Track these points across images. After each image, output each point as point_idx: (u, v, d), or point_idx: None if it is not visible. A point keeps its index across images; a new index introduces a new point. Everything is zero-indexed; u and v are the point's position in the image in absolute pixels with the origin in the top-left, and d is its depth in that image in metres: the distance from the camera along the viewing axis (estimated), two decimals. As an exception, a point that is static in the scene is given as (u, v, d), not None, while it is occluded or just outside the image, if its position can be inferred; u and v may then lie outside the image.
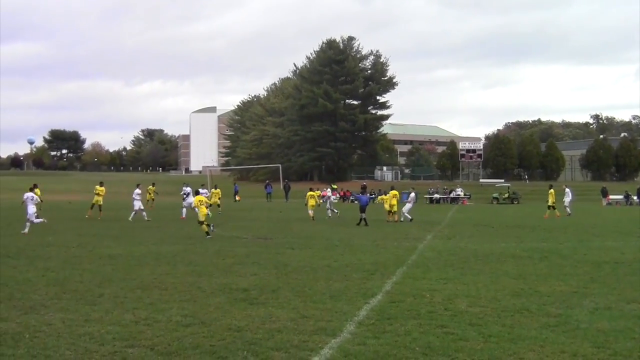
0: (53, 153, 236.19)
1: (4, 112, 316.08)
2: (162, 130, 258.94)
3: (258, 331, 9.28)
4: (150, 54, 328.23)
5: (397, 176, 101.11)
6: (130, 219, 34.03)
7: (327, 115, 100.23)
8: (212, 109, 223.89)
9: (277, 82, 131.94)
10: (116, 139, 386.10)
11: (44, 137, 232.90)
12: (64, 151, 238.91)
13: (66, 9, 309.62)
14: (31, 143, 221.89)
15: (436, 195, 69.06)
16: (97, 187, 37.27)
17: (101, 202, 36.77)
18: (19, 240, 22.73)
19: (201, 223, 25.21)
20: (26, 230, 25.97)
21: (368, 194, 42.90)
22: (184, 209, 36.91)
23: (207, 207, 26.55)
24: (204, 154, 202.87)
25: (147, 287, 12.79)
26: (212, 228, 25.36)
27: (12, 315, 10.16)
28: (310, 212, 36.02)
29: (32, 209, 26.95)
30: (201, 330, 9.29)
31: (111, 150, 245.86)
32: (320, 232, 27.45)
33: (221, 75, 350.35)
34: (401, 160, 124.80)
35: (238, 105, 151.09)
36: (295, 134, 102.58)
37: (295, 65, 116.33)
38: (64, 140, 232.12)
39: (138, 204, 35.21)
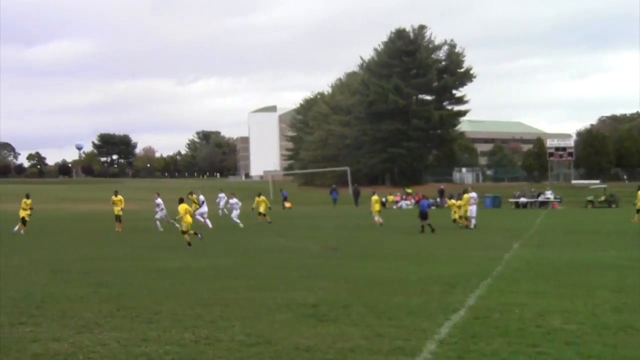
0: (103, 159, 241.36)
1: (51, 116, 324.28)
2: (218, 132, 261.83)
3: (329, 351, 9.26)
4: (204, 49, 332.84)
5: (478, 178, 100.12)
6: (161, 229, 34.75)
7: (398, 112, 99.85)
8: (272, 108, 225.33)
9: (342, 77, 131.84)
10: (168, 142, 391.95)
11: (93, 142, 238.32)
12: (115, 157, 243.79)
13: (115, 5, 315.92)
14: (80, 148, 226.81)
15: (523, 199, 68.06)
16: (113, 197, 37.11)
17: (120, 213, 36.50)
18: (71, 254, 23.25)
19: (184, 233, 26.16)
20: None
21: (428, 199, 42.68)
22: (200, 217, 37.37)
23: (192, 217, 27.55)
24: (265, 157, 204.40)
25: (207, 304, 12.91)
26: (199, 235, 27.11)
27: (65, 334, 10.37)
28: (377, 218, 36.05)
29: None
30: (267, 350, 9.33)
31: (165, 155, 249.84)
32: (394, 241, 27.35)
33: (281, 71, 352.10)
34: (482, 160, 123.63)
35: (300, 104, 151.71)
36: (364, 133, 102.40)
37: (361, 59, 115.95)
38: (114, 145, 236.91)
39: (161, 214, 36.19)
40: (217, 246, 26.25)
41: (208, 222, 36.64)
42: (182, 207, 26.78)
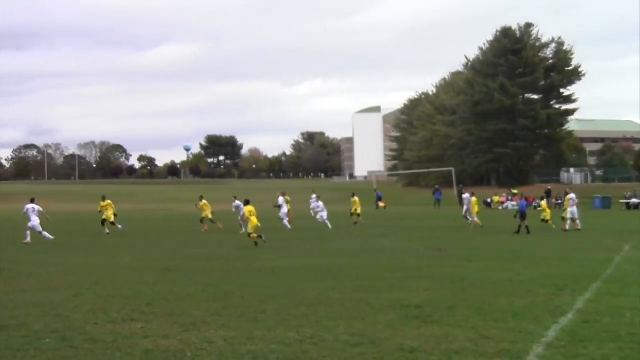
0: (210, 160, 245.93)
1: (159, 118, 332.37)
2: (323, 133, 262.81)
3: (433, 352, 9.20)
4: (309, 51, 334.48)
5: (587, 178, 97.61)
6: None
7: (504, 111, 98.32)
8: (377, 109, 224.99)
9: (447, 77, 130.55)
10: (275, 143, 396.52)
11: (200, 144, 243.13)
12: (221, 158, 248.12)
13: (220, 7, 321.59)
14: (188, 150, 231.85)
15: (634, 200, 65.96)
16: (101, 202, 36.05)
17: (112, 219, 35.23)
18: (180, 253, 23.79)
19: (249, 234, 26.50)
20: (28, 239, 28.49)
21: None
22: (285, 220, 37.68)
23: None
24: (369, 158, 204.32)
25: (311, 303, 13.00)
26: (262, 238, 26.46)
27: (174, 331, 10.62)
28: (476, 219, 35.69)
29: (36, 220, 29.33)
30: (371, 351, 9.33)
31: (270, 156, 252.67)
32: (499, 242, 26.95)
33: (386, 72, 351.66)
34: (591, 160, 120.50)
35: (405, 104, 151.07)
36: (469, 133, 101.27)
37: (466, 58, 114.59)
38: (221, 147, 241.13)
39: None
40: (321, 246, 26.42)
41: (286, 222, 37.18)
42: (248, 209, 27.17)
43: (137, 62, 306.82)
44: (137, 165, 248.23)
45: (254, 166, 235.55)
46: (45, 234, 29.28)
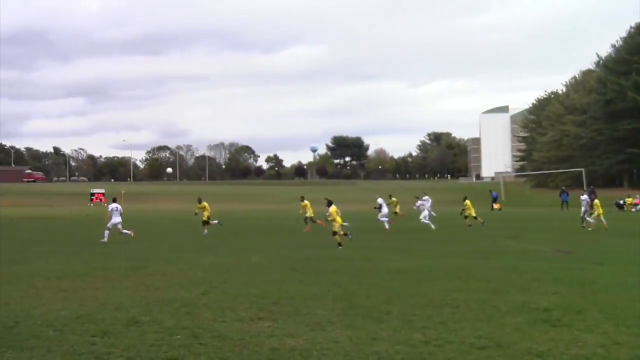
0: (336, 161, 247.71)
1: (287, 120, 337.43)
2: (449, 134, 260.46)
3: (562, 357, 8.98)
4: (437, 51, 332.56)
5: None
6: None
7: (638, 110, 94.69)
8: (504, 109, 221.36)
9: (577, 76, 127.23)
10: (401, 144, 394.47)
11: (326, 145, 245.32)
12: (347, 159, 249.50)
13: (348, 8, 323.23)
14: (314, 151, 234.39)
15: None
16: (198, 205, 36.37)
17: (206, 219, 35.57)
18: (306, 253, 24.04)
19: (334, 233, 26.58)
20: (105, 239, 29.37)
21: None
22: (384, 221, 37.87)
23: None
24: (496, 158, 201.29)
25: (437, 305, 12.89)
26: (349, 236, 27.38)
27: (300, 331, 10.74)
28: (603, 221, 34.56)
29: (118, 219, 30.29)
30: (497, 354, 9.18)
31: (396, 157, 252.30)
32: (632, 245, 26.00)
33: (514, 71, 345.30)
34: None
35: (533, 103, 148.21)
36: (600, 133, 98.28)
37: (598, 56, 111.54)
38: (347, 147, 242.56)
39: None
40: (446, 247, 26.17)
41: (386, 224, 37.32)
42: (333, 209, 27.22)
43: (266, 64, 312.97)
44: (265, 166, 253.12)
45: (379, 167, 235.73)
46: (126, 231, 30.37)
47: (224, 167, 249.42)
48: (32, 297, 14.22)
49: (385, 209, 38.95)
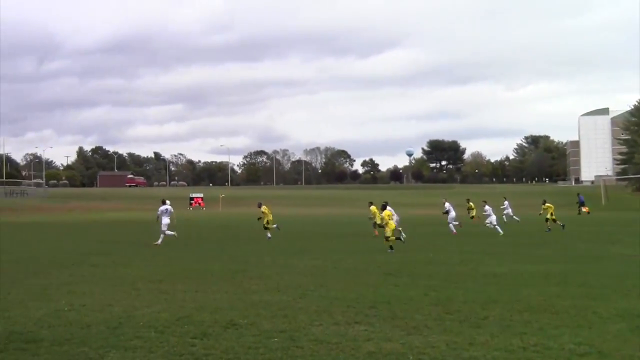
0: (432, 165, 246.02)
1: (382, 124, 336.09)
2: (547, 137, 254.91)
3: (667, 366, 8.70)
4: (534, 52, 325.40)
5: None
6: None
7: None
8: (604, 111, 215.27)
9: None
10: (498, 147, 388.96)
11: (422, 149, 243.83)
12: (443, 163, 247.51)
13: (444, 12, 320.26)
14: (410, 155, 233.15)
15: None
16: (260, 209, 36.12)
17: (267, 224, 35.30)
18: (403, 257, 23.94)
19: (387, 238, 26.46)
20: (159, 241, 30.08)
21: None
22: (452, 224, 38.44)
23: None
24: (596, 161, 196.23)
25: (535, 310, 12.65)
26: (402, 239, 27.83)
27: (396, 335, 10.70)
28: None
29: (167, 220, 31.02)
30: (599, 362, 8.96)
31: (492, 160, 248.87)
32: None
33: (614, 72, 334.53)
34: None
35: (635, 105, 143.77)
36: None
37: None
38: (443, 151, 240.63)
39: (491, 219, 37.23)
40: (543, 251, 25.67)
41: (452, 227, 37.94)
42: (387, 213, 27.25)
43: (362, 69, 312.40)
44: (361, 170, 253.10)
45: (476, 171, 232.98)
46: (169, 232, 31.00)
47: (320, 171, 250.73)
48: (134, 298, 14.60)
49: (452, 213, 39.12)
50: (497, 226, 36.35)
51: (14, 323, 11.80)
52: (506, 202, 50.01)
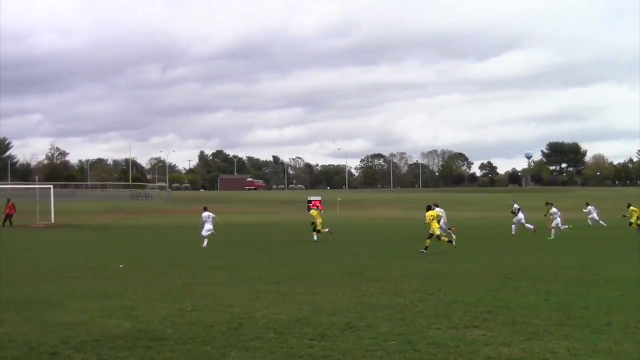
0: (552, 167, 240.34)
1: (500, 127, 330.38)
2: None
3: None
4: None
5: None
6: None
7: None
8: None
9: None
10: (621, 149, 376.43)
11: (542, 151, 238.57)
12: (563, 165, 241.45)
13: (563, 12, 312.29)
14: (529, 157, 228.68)
15: None
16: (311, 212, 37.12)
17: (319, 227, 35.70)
18: (520, 261, 23.50)
19: (430, 236, 27.14)
20: (204, 244, 31.16)
21: None
22: (514, 225, 38.57)
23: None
24: None
25: (662, 317, 12.20)
26: (452, 243, 28.25)
27: (515, 340, 10.51)
28: None
29: (210, 226, 32.22)
30: None
31: (615, 163, 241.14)
32: None
33: None
34: None
35: None
36: None
37: None
38: (563, 154, 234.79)
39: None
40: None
41: (514, 228, 38.29)
42: (430, 214, 27.65)
43: (480, 71, 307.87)
44: (479, 173, 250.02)
45: (597, 173, 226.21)
46: (206, 235, 31.93)
47: (437, 174, 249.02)
48: (254, 300, 14.84)
49: (520, 215, 38.74)
50: (600, 221, 35.91)
51: (140, 321, 12.20)
52: (590, 207, 48.85)
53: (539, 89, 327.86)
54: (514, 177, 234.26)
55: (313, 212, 35.78)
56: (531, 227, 38.11)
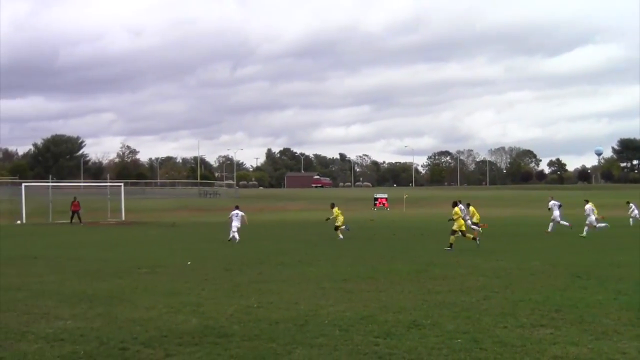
0: (623, 164, 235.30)
1: (570, 123, 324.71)
2: None
3: None
4: None
5: None
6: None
7: None
8: None
9: None
10: None
11: (612, 147, 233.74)
12: (635, 162, 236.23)
13: (638, 6, 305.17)
14: (599, 154, 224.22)
15: None
16: (332, 210, 36.87)
17: (339, 224, 36.05)
18: (588, 259, 23.09)
19: (453, 233, 27.86)
20: (230, 238, 32.49)
21: None
22: (551, 224, 38.64)
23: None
24: None
25: None
26: (477, 242, 27.88)
27: (584, 339, 10.36)
28: None
29: (236, 223, 33.02)
30: None
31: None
32: None
33: None
34: None
35: None
36: None
37: None
38: (635, 150, 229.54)
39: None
40: None
41: (551, 225, 38.40)
42: (455, 211, 28.40)
43: (550, 67, 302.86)
44: (547, 170, 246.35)
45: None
46: (236, 235, 32.70)
47: (504, 171, 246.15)
48: (320, 297, 14.90)
49: (556, 212, 39.00)
50: (598, 225, 35.39)
51: (207, 318, 12.36)
52: (632, 205, 48.05)
53: (611, 84, 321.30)
54: (583, 175, 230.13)
55: (336, 210, 35.95)
56: (567, 224, 37.93)
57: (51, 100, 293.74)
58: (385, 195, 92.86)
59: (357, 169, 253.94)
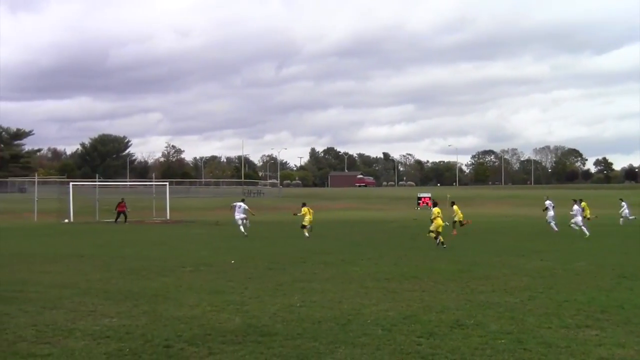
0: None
1: (618, 121, 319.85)
2: None
3: None
4: None
5: None
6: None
7: None
8: None
9: None
10: None
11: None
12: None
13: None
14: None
15: None
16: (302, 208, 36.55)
17: (306, 224, 35.62)
18: (634, 259, 22.77)
19: (432, 232, 28.84)
20: (244, 233, 34.56)
21: None
22: (552, 223, 38.46)
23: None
24: None
25: None
26: (442, 244, 28.16)
27: (630, 341, 10.24)
28: None
29: (239, 215, 35.92)
30: None
31: None
32: None
33: None
34: None
35: None
36: None
37: None
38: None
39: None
40: None
41: (553, 225, 38.13)
42: (436, 210, 29.22)
43: (597, 65, 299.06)
44: (593, 169, 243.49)
45: None
46: (242, 229, 35.08)
47: (550, 170, 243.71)
48: (363, 296, 14.89)
49: (551, 212, 39.29)
50: (583, 227, 34.40)
51: (250, 317, 12.42)
52: (624, 204, 47.30)
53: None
54: (630, 174, 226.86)
55: (305, 210, 35.90)
56: (556, 229, 37.67)
57: (99, 101, 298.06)
58: (429, 195, 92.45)
59: (401, 168, 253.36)
